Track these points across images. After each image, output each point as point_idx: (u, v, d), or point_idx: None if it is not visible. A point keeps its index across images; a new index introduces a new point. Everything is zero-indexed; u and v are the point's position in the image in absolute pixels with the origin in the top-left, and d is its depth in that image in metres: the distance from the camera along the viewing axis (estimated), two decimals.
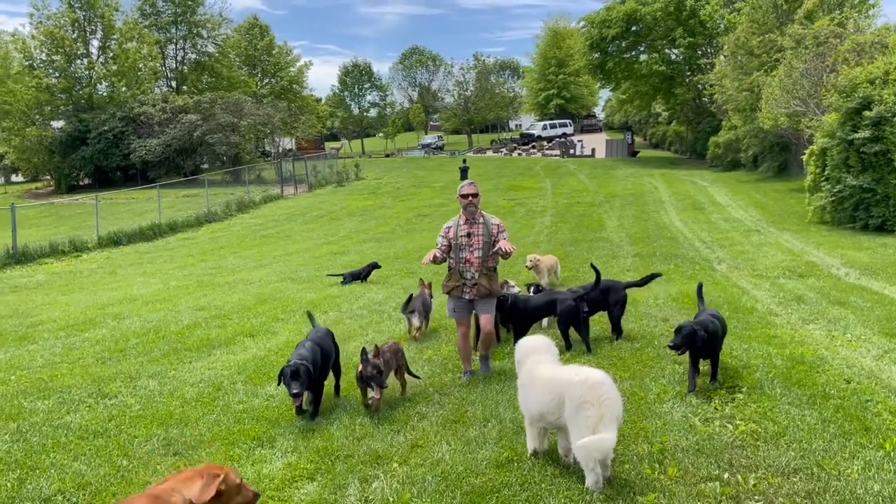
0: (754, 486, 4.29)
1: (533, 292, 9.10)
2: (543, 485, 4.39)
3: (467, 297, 6.88)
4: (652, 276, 8.87)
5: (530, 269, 11.31)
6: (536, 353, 5.01)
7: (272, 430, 5.49)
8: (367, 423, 5.59)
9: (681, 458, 4.69)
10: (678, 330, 6.03)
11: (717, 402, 5.76)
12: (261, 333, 9.49)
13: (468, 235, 6.84)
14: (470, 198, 6.81)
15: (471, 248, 6.81)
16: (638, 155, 52.60)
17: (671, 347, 5.97)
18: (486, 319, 6.97)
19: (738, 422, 5.28)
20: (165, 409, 6.15)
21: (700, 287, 7.38)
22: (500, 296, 7.70)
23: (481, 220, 6.89)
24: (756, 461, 4.60)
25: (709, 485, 4.31)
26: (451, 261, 6.92)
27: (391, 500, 4.31)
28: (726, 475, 4.43)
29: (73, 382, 7.23)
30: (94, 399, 6.57)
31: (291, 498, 4.36)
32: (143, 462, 4.94)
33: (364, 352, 5.95)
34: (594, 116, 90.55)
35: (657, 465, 4.56)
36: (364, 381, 5.88)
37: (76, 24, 50.07)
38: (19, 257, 19.99)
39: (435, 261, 6.74)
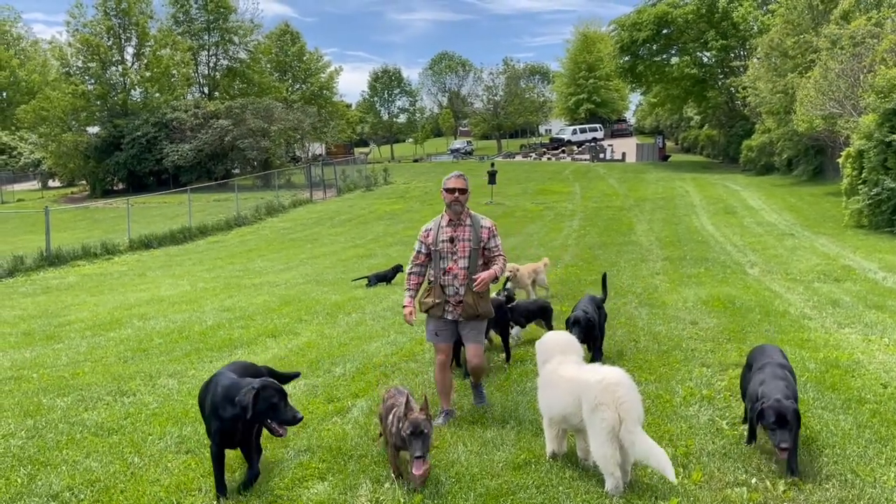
0: (784, 492, 4.08)
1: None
2: (561, 487, 4.24)
3: (450, 317, 5.59)
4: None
5: (509, 279, 10.14)
6: (561, 352, 4.81)
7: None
8: None
9: (706, 462, 4.50)
10: (781, 421, 4.16)
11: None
12: (283, 334, 9.46)
13: (451, 240, 5.53)
14: (456, 193, 5.49)
15: (454, 257, 5.51)
16: (669, 159, 51.97)
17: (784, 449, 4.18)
18: (474, 351, 5.67)
19: None
20: (182, 407, 6.12)
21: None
22: None
23: (468, 221, 5.59)
24: (786, 467, 4.38)
25: (735, 490, 4.11)
26: (432, 272, 5.67)
27: (402, 501, 4.18)
28: (754, 480, 4.23)
29: (93, 380, 7.24)
30: (112, 397, 6.56)
31: (300, 497, 4.25)
32: (154, 460, 4.89)
33: (408, 403, 4.30)
34: (625, 121, 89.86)
35: (681, 470, 4.37)
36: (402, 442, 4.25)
37: (111, 32, 50.95)
38: (52, 259, 20.31)
39: (411, 314, 5.65)
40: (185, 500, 4.27)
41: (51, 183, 61.24)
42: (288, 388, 6.57)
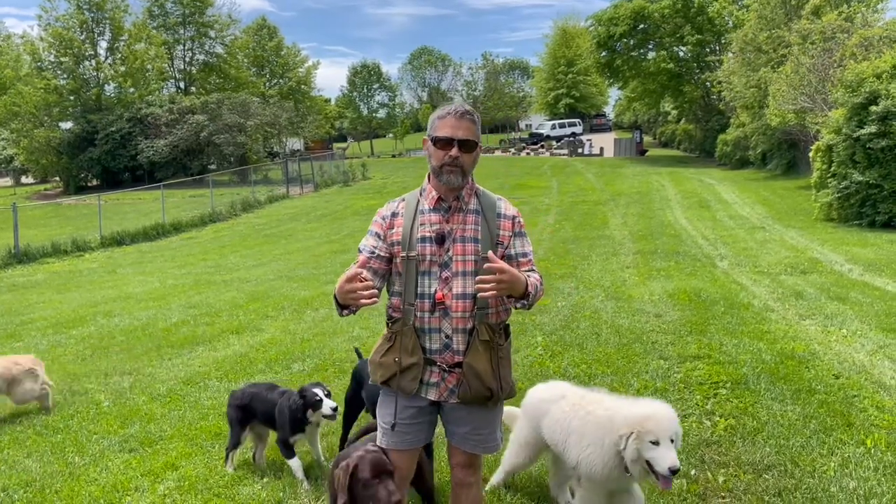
0: (723, 482, 4.08)
1: None
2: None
3: (432, 395, 2.93)
4: None
5: None
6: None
7: None
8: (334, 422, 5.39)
9: None
10: None
11: (699, 397, 5.55)
12: (247, 330, 9.37)
13: (439, 239, 2.89)
14: (455, 147, 2.84)
15: (444, 272, 2.88)
16: (646, 154, 52.20)
17: None
18: (466, 462, 3.06)
19: (717, 418, 5.07)
20: (132, 405, 6.02)
21: None
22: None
23: (473, 203, 2.95)
24: (729, 458, 4.39)
25: (675, 481, 4.10)
26: (394, 301, 3.00)
27: None
28: (694, 472, 4.22)
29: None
30: (63, 396, 6.45)
31: (238, 496, 4.18)
32: (94, 459, 4.80)
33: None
34: (604, 116, 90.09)
35: None
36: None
37: (84, 26, 50.24)
38: (21, 257, 20.03)
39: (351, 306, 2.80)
40: (120, 499, 4.19)
41: (24, 179, 60.42)
42: (243, 385, 6.53)
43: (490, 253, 2.71)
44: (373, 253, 2.95)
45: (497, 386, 2.88)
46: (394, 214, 2.99)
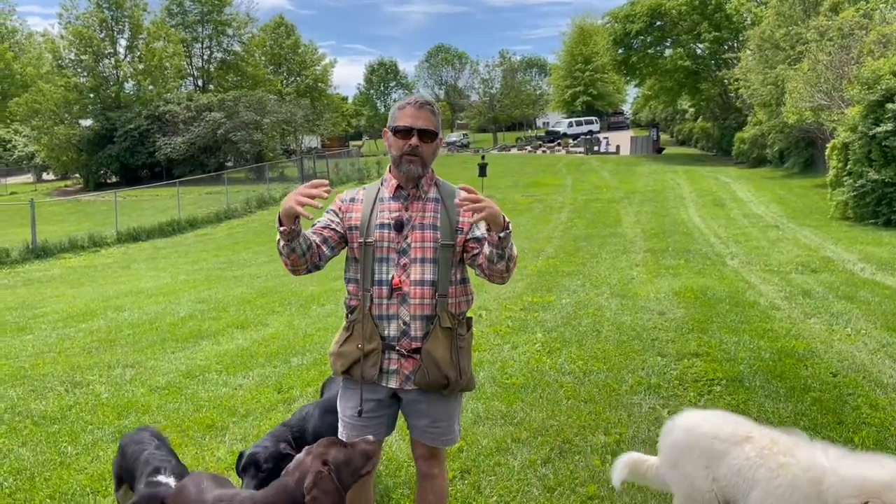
0: None
1: None
2: (483, 474, 4.21)
3: (393, 383, 2.93)
4: None
5: None
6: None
7: (228, 419, 5.38)
8: None
9: (637, 449, 4.46)
10: None
11: (692, 394, 5.52)
12: (252, 325, 9.44)
13: (397, 226, 2.92)
14: (414, 137, 2.87)
15: (402, 259, 2.91)
16: (663, 152, 51.88)
17: None
18: (430, 454, 3.08)
19: None
20: (130, 397, 6.10)
21: None
22: None
23: (433, 193, 2.99)
24: None
25: None
26: (351, 288, 3.08)
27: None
28: None
29: (51, 371, 7.22)
30: (64, 387, 6.54)
31: None
32: (86, 449, 4.87)
33: None
34: (622, 114, 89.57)
35: (609, 457, 4.34)
36: None
37: (104, 24, 50.85)
38: (39, 252, 20.30)
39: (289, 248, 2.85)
40: (107, 488, 4.25)
41: (45, 176, 61.17)
42: (241, 378, 6.61)
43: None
44: (327, 225, 3.00)
45: (455, 375, 2.89)
46: (353, 200, 3.04)
